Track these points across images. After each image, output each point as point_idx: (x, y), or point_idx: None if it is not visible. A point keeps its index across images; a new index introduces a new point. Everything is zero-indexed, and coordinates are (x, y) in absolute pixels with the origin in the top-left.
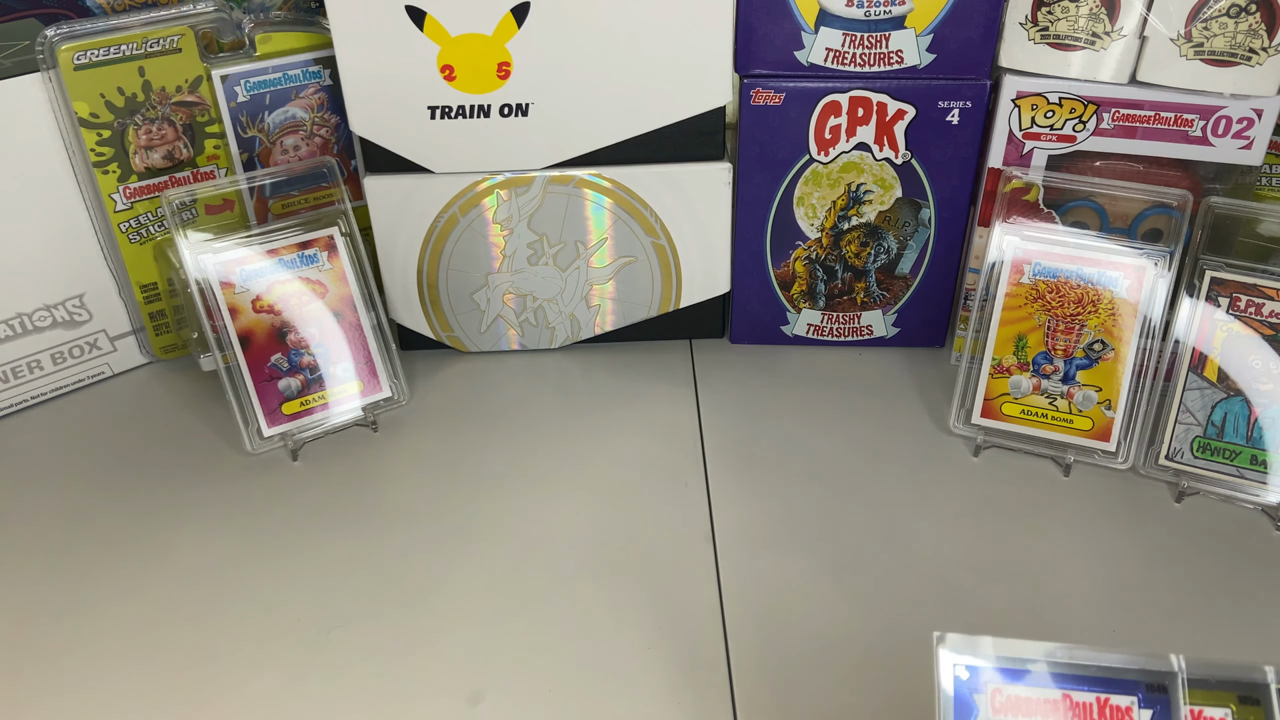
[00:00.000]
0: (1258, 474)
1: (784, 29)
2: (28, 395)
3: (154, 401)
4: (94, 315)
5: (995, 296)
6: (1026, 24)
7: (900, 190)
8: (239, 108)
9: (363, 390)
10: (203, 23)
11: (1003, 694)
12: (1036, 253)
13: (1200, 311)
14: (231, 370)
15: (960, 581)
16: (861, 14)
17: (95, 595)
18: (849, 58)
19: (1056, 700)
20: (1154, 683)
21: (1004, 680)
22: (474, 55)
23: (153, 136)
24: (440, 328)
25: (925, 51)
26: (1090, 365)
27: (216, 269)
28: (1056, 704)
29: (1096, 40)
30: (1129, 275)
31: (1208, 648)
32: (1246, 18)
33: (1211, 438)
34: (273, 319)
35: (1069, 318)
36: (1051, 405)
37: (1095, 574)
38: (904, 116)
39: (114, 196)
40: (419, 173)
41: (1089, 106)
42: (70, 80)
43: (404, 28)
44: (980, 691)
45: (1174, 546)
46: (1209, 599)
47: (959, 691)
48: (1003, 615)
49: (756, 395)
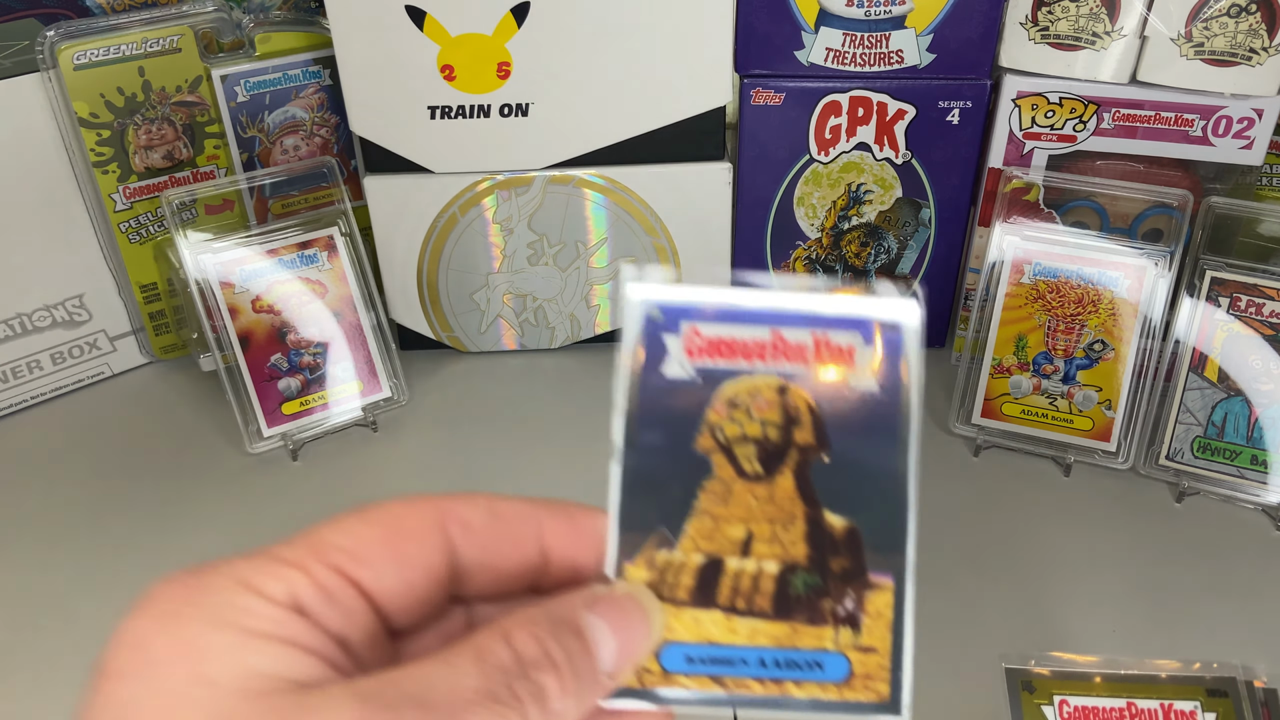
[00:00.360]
0: (1258, 474)
1: (784, 29)
2: (27, 395)
3: (154, 402)
4: (94, 315)
5: (995, 296)
6: (1027, 24)
7: (900, 190)
8: (239, 108)
9: (362, 390)
10: (202, 22)
11: (701, 335)
12: (1037, 253)
13: (1200, 311)
14: (231, 370)
15: (960, 581)
16: (861, 14)
17: (94, 595)
18: (849, 57)
19: (765, 342)
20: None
21: (703, 320)
22: (474, 55)
23: (152, 136)
24: (440, 328)
25: (925, 51)
26: (1090, 365)
27: (216, 269)
28: (765, 345)
29: (1097, 40)
30: (1129, 275)
31: (1208, 648)
32: (1247, 17)
33: (1212, 438)
34: (272, 319)
35: (1069, 318)
36: (1052, 405)
37: (1095, 574)
38: (904, 116)
39: (114, 196)
40: (419, 172)
41: (1089, 106)
42: (70, 80)
43: (404, 27)
44: (674, 332)
45: (1174, 546)
46: (1209, 599)
47: (649, 331)
48: (1002, 615)
49: None
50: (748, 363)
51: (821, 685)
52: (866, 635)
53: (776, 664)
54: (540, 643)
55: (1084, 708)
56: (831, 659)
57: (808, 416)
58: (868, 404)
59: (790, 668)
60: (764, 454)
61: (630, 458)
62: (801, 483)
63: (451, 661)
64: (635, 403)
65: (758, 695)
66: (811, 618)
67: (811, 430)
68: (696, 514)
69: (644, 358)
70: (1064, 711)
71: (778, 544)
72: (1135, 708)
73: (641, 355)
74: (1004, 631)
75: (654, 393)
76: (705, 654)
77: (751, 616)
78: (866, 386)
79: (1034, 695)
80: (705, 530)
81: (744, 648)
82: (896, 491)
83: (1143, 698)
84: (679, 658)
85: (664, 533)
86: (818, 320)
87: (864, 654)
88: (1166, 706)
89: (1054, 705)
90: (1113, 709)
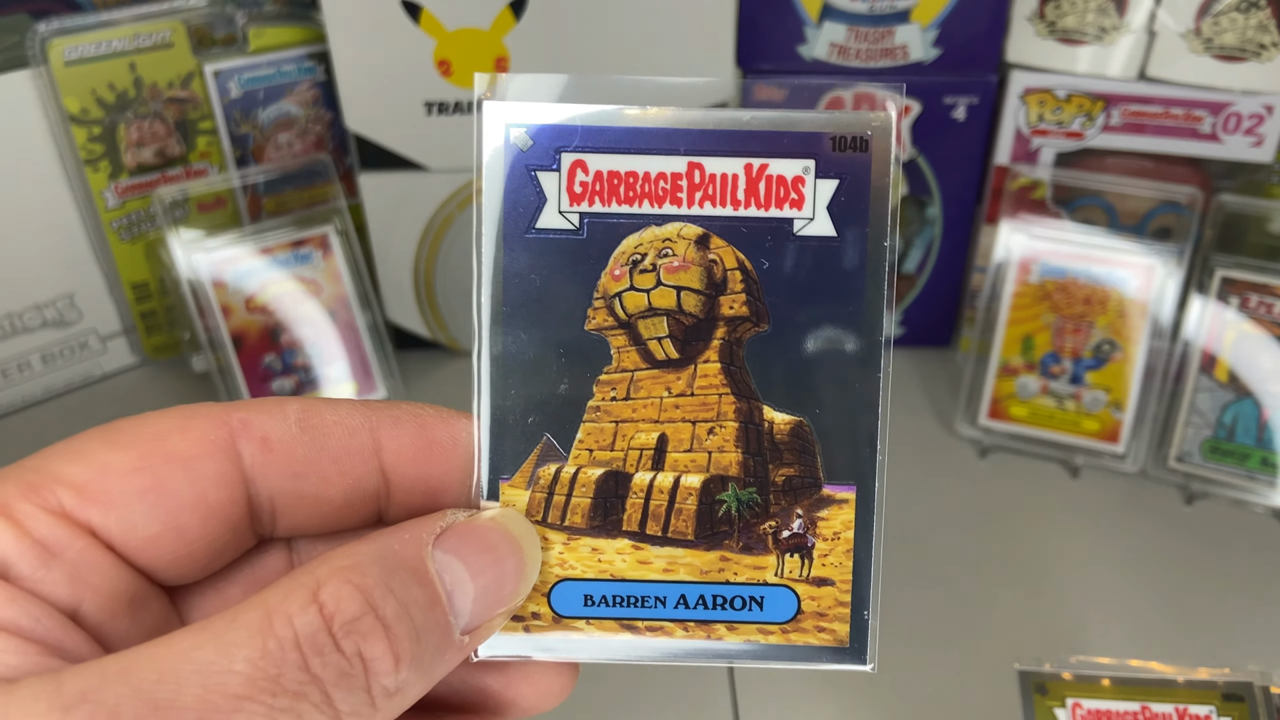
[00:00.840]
0: (1268, 476)
1: (786, 23)
2: (17, 398)
3: (145, 403)
4: (84, 315)
5: (1002, 296)
6: (1034, 18)
7: (905, 188)
8: (232, 104)
9: (357, 391)
10: (195, 17)
11: (589, 170)
12: (1044, 251)
13: (1210, 311)
14: (224, 371)
15: (967, 585)
16: (866, 8)
17: None
18: (853, 52)
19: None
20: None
21: (592, 148)
22: (471, 50)
23: (144, 133)
24: (436, 327)
25: (931, 46)
26: (1099, 366)
27: (209, 268)
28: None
29: (1104, 34)
30: (1138, 274)
31: (1218, 652)
32: (1256, 13)
33: (1222, 439)
34: (266, 319)
35: (1077, 317)
36: (1059, 407)
37: (1104, 578)
38: (909, 113)
39: (105, 194)
40: (415, 170)
41: (1097, 102)
42: (61, 76)
43: (399, 22)
44: (550, 167)
45: (1184, 550)
46: (1219, 603)
47: (514, 167)
48: (1011, 619)
49: None
50: (655, 206)
51: (761, 627)
52: (820, 564)
53: (702, 602)
54: (366, 594)
55: (1097, 711)
56: (774, 594)
57: (738, 277)
58: (822, 255)
59: (720, 607)
60: (679, 331)
61: (498, 343)
62: (730, 368)
63: (222, 633)
64: (499, 267)
65: (678, 642)
66: (748, 544)
67: (743, 295)
68: (591, 415)
69: (508, 203)
70: (1077, 714)
71: (700, 450)
72: (1149, 711)
73: (502, 199)
74: (1014, 634)
75: (525, 252)
76: (609, 591)
77: (668, 544)
78: (820, 231)
79: (1047, 698)
80: (603, 435)
81: (659, 583)
82: (862, 371)
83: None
84: (575, 598)
85: (548, 440)
86: (753, 141)
87: (816, 587)
88: (1181, 710)
89: (1067, 708)
90: (1126, 712)
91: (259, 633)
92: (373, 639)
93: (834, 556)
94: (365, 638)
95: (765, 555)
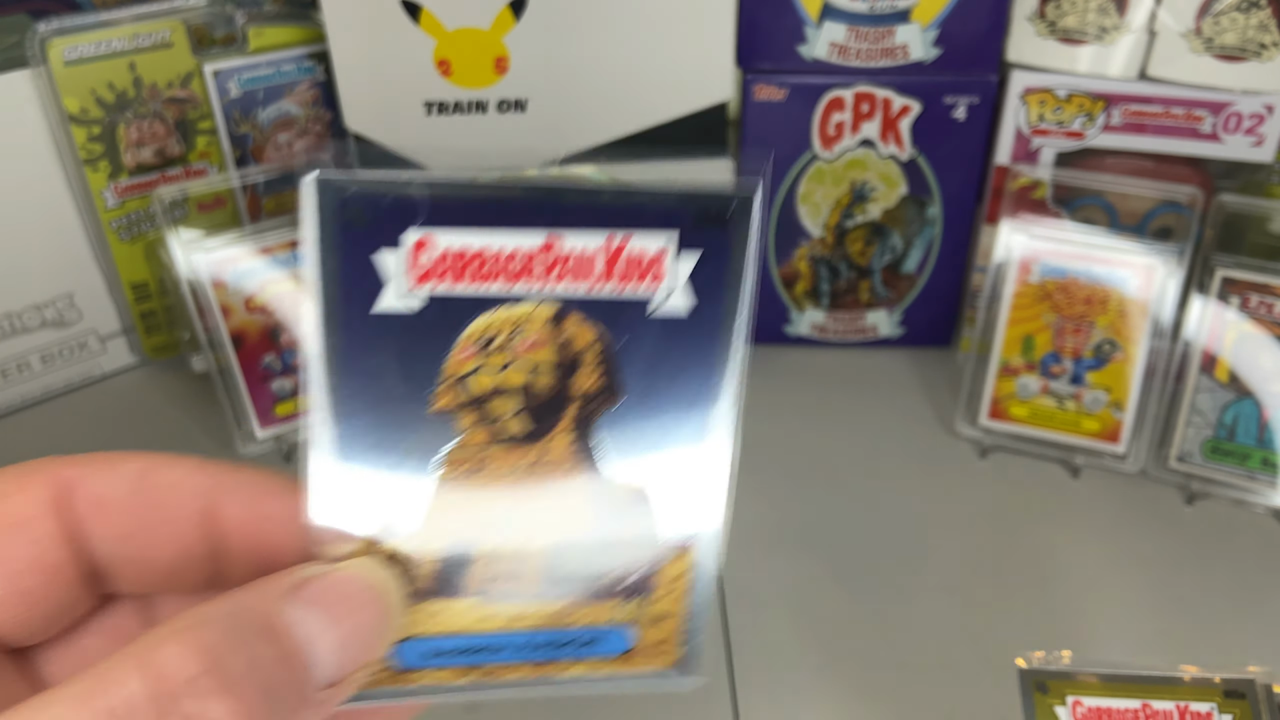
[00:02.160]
0: (1269, 477)
1: (787, 23)
2: (16, 398)
3: (145, 403)
4: (84, 315)
5: (1002, 296)
6: (1034, 18)
7: (905, 187)
8: (231, 103)
9: None
10: (194, 17)
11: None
12: (1044, 251)
13: (1211, 311)
14: (224, 371)
15: (966, 585)
16: (866, 7)
17: None
18: (853, 52)
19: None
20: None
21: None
22: (470, 49)
23: (144, 133)
24: None
25: (931, 46)
26: (1099, 366)
27: (208, 268)
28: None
29: (1105, 34)
30: (1138, 274)
31: (1218, 652)
32: (1257, 12)
33: (1222, 440)
34: (266, 319)
35: (1078, 318)
36: (1060, 407)
37: (1105, 577)
38: (909, 112)
39: (104, 194)
40: (414, 170)
41: (1098, 102)
42: (60, 76)
43: (399, 22)
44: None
45: (1184, 550)
46: (1220, 602)
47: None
48: (1011, 621)
49: (758, 396)
50: (508, 284)
51: (597, 662)
52: (657, 603)
53: (546, 645)
54: (207, 653)
55: (1098, 708)
56: (610, 634)
57: (595, 353)
58: (678, 328)
59: (560, 647)
60: (532, 408)
61: (336, 428)
62: (581, 442)
63: (42, 709)
64: (335, 352)
65: (518, 680)
66: (591, 595)
67: (599, 371)
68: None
69: (343, 287)
70: (1077, 712)
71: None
72: (1150, 709)
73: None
74: (1014, 633)
75: (363, 335)
76: (453, 646)
77: (513, 601)
78: (678, 304)
79: (1047, 696)
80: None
81: (503, 634)
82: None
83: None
84: (417, 654)
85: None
86: (616, 215)
87: (655, 623)
88: (1182, 708)
89: (1067, 706)
90: (1127, 710)
91: (84, 704)
92: (214, 699)
93: (671, 596)
94: (205, 698)
95: (606, 603)
